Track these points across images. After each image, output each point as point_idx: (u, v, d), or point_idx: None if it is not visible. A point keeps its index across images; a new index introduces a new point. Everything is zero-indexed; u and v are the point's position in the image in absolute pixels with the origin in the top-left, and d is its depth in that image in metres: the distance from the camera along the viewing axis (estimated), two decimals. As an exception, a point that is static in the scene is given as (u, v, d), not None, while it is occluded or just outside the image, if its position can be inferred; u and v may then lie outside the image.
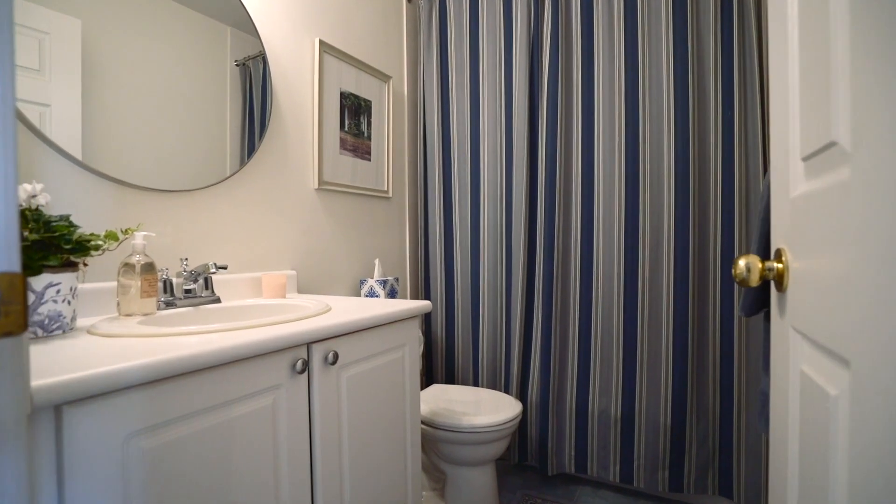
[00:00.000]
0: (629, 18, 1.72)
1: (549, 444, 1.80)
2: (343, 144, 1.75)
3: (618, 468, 1.73)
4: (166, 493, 0.66)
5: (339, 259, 1.76)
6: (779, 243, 0.67)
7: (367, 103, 1.87)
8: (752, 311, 0.88)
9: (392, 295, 1.81)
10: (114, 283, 1.03)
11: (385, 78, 1.96)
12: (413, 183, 2.20)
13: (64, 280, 0.78)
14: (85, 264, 0.84)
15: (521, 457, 1.88)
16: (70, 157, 0.99)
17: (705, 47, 1.62)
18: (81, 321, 0.93)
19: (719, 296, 1.61)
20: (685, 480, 1.64)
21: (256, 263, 1.43)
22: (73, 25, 1.00)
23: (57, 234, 0.76)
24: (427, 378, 2.14)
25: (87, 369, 0.57)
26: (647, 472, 1.68)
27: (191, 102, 1.24)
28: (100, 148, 1.04)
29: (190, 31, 1.23)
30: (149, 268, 0.96)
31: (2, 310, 0.38)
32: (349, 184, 1.79)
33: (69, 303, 0.79)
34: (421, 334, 1.99)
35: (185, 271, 1.13)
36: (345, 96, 1.76)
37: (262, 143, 1.44)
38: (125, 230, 0.95)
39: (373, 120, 1.91)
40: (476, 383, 2.02)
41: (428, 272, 2.12)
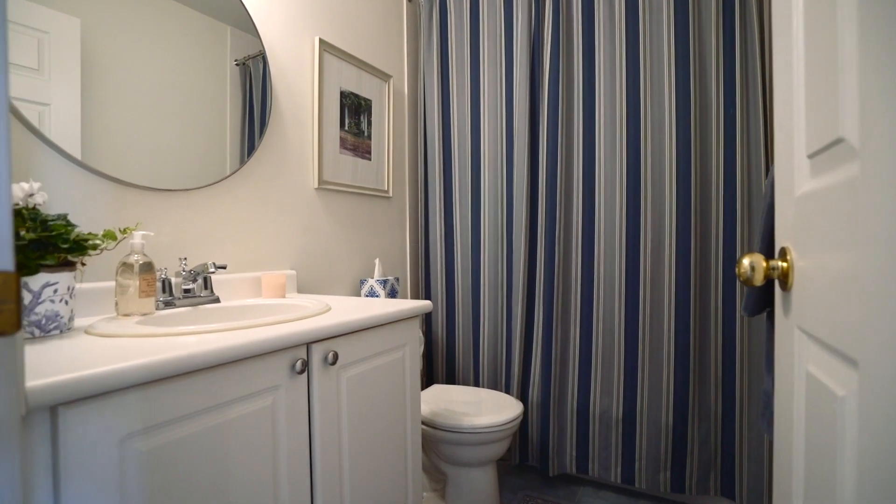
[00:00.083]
0: (630, 16, 1.71)
1: (550, 445, 1.79)
2: (343, 144, 1.75)
3: (619, 469, 1.73)
4: (164, 496, 0.65)
5: (340, 259, 1.76)
6: (783, 242, 0.66)
7: (368, 102, 1.87)
8: (755, 310, 0.87)
9: (392, 295, 1.80)
10: (112, 283, 1.02)
11: (385, 77, 1.96)
12: (413, 182, 2.19)
13: (61, 280, 0.77)
14: (83, 264, 0.84)
15: (522, 457, 1.87)
16: (69, 157, 0.98)
17: (707, 45, 1.61)
18: (79, 321, 0.93)
19: (721, 295, 1.60)
20: (687, 481, 1.63)
21: (256, 263, 1.42)
22: (73, 25, 1.00)
23: (54, 233, 0.75)
24: (427, 378, 2.14)
25: (84, 370, 0.56)
26: (649, 472, 1.67)
27: (190, 102, 1.23)
28: (99, 147, 1.04)
29: (190, 31, 1.23)
30: (147, 267, 0.95)
31: (-6, 309, 0.37)
32: (349, 183, 1.78)
33: (66, 303, 0.79)
34: (421, 334, 1.98)
35: (183, 271, 1.13)
36: (345, 95, 1.75)
37: (261, 141, 1.43)
38: (123, 229, 0.94)
39: (373, 119, 1.90)
40: (477, 383, 2.01)
41: (428, 272, 2.11)
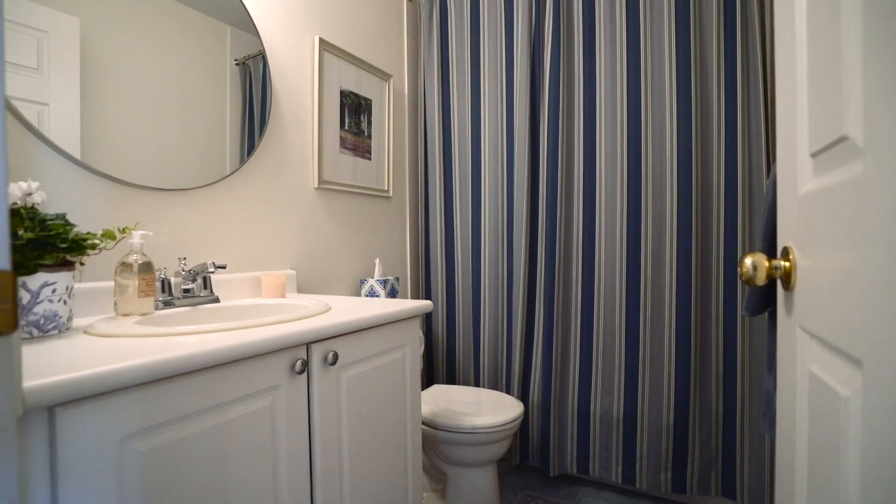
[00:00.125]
0: (631, 15, 1.71)
1: (550, 445, 1.79)
2: (343, 143, 1.74)
3: (620, 469, 1.72)
4: (163, 497, 0.65)
5: (340, 258, 1.75)
6: (786, 241, 0.65)
7: (368, 102, 1.86)
8: (757, 310, 0.87)
9: (393, 295, 1.80)
10: (111, 283, 1.02)
11: (385, 76, 1.95)
12: (414, 182, 2.19)
13: (60, 279, 0.77)
14: (81, 263, 0.83)
15: (522, 457, 1.87)
16: (68, 156, 0.98)
17: (708, 44, 1.60)
18: (78, 321, 0.92)
19: (722, 295, 1.60)
20: (688, 481, 1.63)
21: (256, 263, 1.42)
22: (72, 24, 0.99)
23: (52, 232, 0.75)
24: (428, 378, 2.13)
25: (82, 370, 0.56)
26: (650, 472, 1.67)
27: (190, 101, 1.23)
28: (98, 147, 1.04)
29: (189, 30, 1.22)
30: (146, 267, 0.95)
31: (-10, 309, 0.37)
32: (349, 183, 1.78)
33: (65, 302, 0.79)
34: (422, 334, 1.98)
35: (183, 270, 1.12)
36: (345, 95, 1.75)
37: (261, 141, 1.43)
38: (122, 229, 0.94)
39: (373, 119, 1.90)
40: (477, 384, 2.00)
41: (429, 271, 2.11)
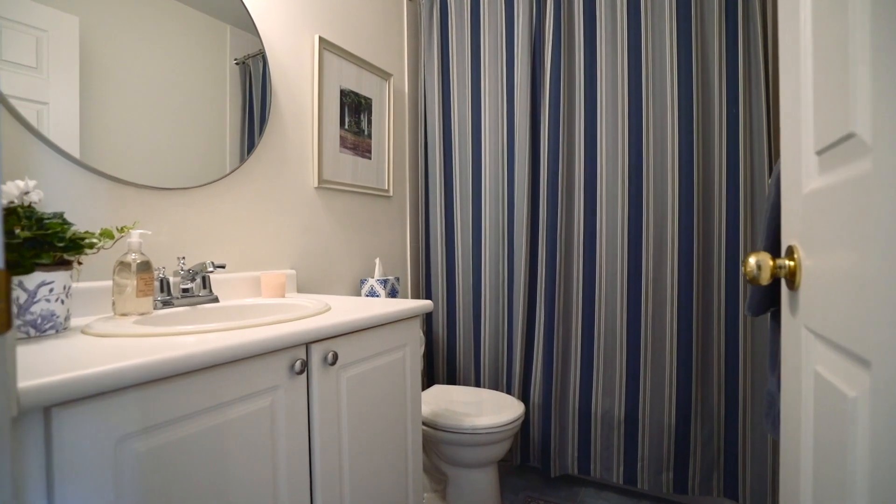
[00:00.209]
0: (632, 13, 1.70)
1: (551, 446, 1.78)
2: (343, 142, 1.74)
3: (621, 469, 1.72)
4: (162, 498, 0.64)
5: (340, 258, 1.75)
6: (790, 240, 0.65)
7: (368, 101, 1.86)
8: (760, 310, 0.86)
9: (393, 294, 1.79)
10: (109, 283, 1.01)
11: (386, 76, 1.95)
12: (414, 181, 2.18)
13: (57, 279, 0.76)
14: (79, 263, 0.83)
15: (523, 458, 1.86)
16: (67, 156, 0.98)
17: (709, 42, 1.60)
18: (76, 321, 0.92)
19: (724, 295, 1.59)
20: (690, 482, 1.62)
21: (255, 262, 1.41)
22: (71, 23, 0.99)
23: (50, 231, 0.74)
24: (428, 378, 2.13)
25: (79, 370, 0.55)
26: (652, 473, 1.66)
27: (190, 100, 1.22)
28: (98, 146, 1.03)
29: (189, 30, 1.22)
30: (145, 266, 0.94)
31: (-16, 308, 0.36)
32: (349, 182, 1.77)
33: (63, 302, 0.78)
34: (422, 334, 1.97)
35: (182, 270, 1.12)
36: (345, 94, 1.74)
37: (261, 140, 1.42)
38: (121, 228, 0.93)
39: (373, 118, 1.89)
40: (478, 384, 2.00)
41: (429, 271, 2.10)
